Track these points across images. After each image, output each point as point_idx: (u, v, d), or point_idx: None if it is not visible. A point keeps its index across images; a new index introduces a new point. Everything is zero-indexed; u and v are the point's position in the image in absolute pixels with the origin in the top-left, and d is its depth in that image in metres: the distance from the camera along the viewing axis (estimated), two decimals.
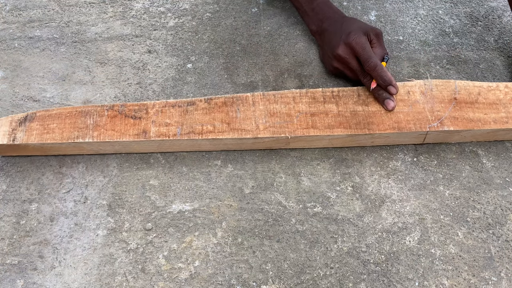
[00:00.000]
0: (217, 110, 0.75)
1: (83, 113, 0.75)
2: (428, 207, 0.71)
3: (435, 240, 0.68)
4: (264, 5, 0.98)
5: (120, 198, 0.72)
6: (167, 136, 0.73)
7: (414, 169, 0.75)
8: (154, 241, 0.68)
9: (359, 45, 0.76)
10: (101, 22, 0.95)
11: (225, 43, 0.91)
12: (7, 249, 0.67)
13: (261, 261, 0.66)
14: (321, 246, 0.67)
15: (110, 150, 0.75)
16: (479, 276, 0.65)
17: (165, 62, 0.88)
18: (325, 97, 0.77)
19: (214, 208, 0.71)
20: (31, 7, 0.98)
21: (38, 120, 0.74)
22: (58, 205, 0.71)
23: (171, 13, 0.97)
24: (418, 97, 0.77)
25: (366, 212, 0.70)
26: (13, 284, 0.64)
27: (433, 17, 0.96)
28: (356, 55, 0.77)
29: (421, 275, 0.65)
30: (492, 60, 0.89)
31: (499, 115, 0.75)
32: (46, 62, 0.88)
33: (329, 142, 0.76)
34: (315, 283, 0.64)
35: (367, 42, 0.77)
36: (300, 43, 0.91)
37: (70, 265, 0.66)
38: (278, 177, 0.74)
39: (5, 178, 0.74)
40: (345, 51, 0.78)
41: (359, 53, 0.76)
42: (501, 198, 0.72)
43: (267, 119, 0.74)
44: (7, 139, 0.72)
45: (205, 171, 0.75)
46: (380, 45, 0.80)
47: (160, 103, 0.76)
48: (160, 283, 0.64)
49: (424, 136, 0.75)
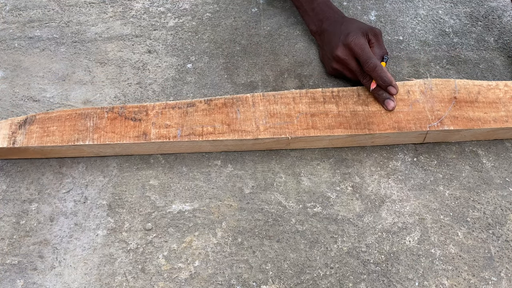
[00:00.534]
0: (217, 111, 0.75)
1: (83, 116, 0.75)
2: (428, 207, 0.71)
3: (435, 240, 0.68)
4: (264, 5, 0.98)
5: (120, 198, 0.72)
6: (168, 138, 0.73)
7: (414, 169, 0.75)
8: (154, 241, 0.68)
9: (358, 46, 0.76)
10: (101, 22, 0.95)
11: (225, 43, 0.91)
12: (7, 249, 0.67)
13: (261, 261, 0.66)
14: (321, 246, 0.67)
15: (111, 152, 0.75)
16: (479, 276, 0.65)
17: (165, 62, 0.88)
18: (325, 97, 0.77)
19: (214, 208, 0.71)
20: (31, 7, 0.98)
21: (38, 123, 0.74)
22: (58, 205, 0.71)
23: (171, 13, 0.97)
24: (418, 97, 0.77)
25: (366, 212, 0.70)
26: (13, 284, 0.64)
27: (433, 17, 0.96)
28: (355, 56, 0.77)
29: (421, 275, 0.65)
30: (492, 60, 0.89)
31: (499, 114, 0.75)
32: (46, 62, 0.89)
33: (329, 142, 0.76)
34: (315, 283, 0.64)
35: (366, 43, 0.76)
36: (300, 43, 0.91)
37: (70, 265, 0.66)
38: (278, 177, 0.74)
39: (5, 178, 0.74)
40: (344, 52, 0.78)
41: (358, 54, 0.76)
42: (501, 198, 0.72)
43: (267, 120, 0.74)
44: (7, 142, 0.72)
45: (205, 171, 0.75)
46: (379, 45, 0.80)
47: (160, 105, 0.76)
48: (160, 283, 0.64)
49: (424, 135, 0.75)
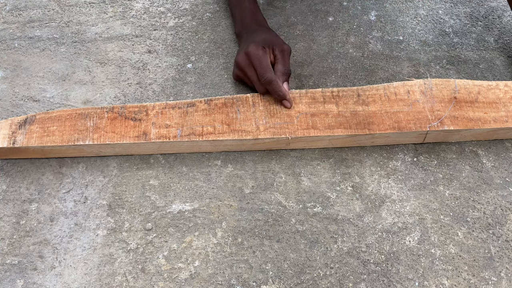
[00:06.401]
0: (217, 111, 0.75)
1: (83, 116, 0.75)
2: (428, 207, 0.71)
3: (435, 240, 0.68)
4: (264, 5, 0.98)
5: (120, 198, 0.72)
6: (168, 138, 0.73)
7: (414, 169, 0.75)
8: (154, 241, 0.68)
9: (256, 57, 0.76)
10: (101, 22, 0.95)
11: (225, 43, 0.91)
12: (7, 249, 0.67)
13: (261, 261, 0.66)
14: (321, 246, 0.67)
15: (111, 152, 0.75)
16: (479, 276, 0.65)
17: (165, 62, 0.88)
18: (325, 97, 0.77)
19: (214, 208, 0.71)
20: (31, 7, 0.98)
21: (38, 122, 0.74)
22: (58, 205, 0.71)
23: (171, 13, 0.97)
24: (418, 97, 0.77)
25: (366, 212, 0.70)
26: (13, 284, 0.64)
27: (433, 17, 0.96)
28: (253, 66, 0.77)
29: (421, 275, 0.65)
30: (492, 60, 0.89)
31: (499, 114, 0.75)
32: (46, 62, 0.89)
33: (329, 142, 0.76)
34: (315, 283, 0.64)
35: (265, 56, 0.76)
36: (300, 43, 0.91)
37: (70, 265, 0.66)
38: (278, 177, 0.74)
39: (5, 178, 0.74)
40: (243, 61, 0.78)
41: (255, 65, 0.76)
42: (501, 198, 0.72)
43: (267, 120, 0.75)
44: (7, 142, 0.72)
45: (205, 171, 0.75)
46: (283, 62, 0.78)
47: (160, 105, 0.76)
48: (160, 283, 0.64)
49: (424, 135, 0.75)
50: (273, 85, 0.74)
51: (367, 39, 0.92)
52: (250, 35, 0.82)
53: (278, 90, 0.74)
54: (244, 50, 0.78)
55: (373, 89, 0.78)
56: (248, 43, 0.78)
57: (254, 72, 0.77)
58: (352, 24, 0.95)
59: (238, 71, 0.80)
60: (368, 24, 0.95)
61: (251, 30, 0.84)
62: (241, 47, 0.81)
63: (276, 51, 0.78)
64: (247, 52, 0.77)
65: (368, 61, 0.89)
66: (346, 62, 0.88)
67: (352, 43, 0.91)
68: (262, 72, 0.75)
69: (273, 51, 0.78)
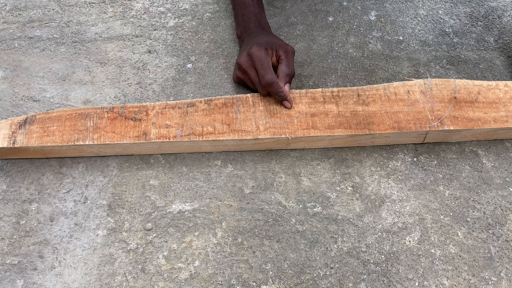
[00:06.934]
0: (217, 111, 0.75)
1: (83, 116, 0.75)
2: (428, 207, 0.71)
3: (435, 240, 0.68)
4: (264, 5, 0.98)
5: (120, 198, 0.72)
6: (168, 138, 0.73)
7: (414, 169, 0.75)
8: (154, 241, 0.68)
9: (258, 58, 0.75)
10: (101, 22, 0.95)
11: (225, 43, 0.91)
12: (7, 249, 0.67)
13: (261, 261, 0.66)
14: (321, 246, 0.67)
15: (111, 152, 0.75)
16: (479, 276, 0.65)
17: (165, 62, 0.88)
18: (325, 97, 0.77)
19: (214, 208, 0.71)
20: (31, 7, 0.98)
21: (38, 122, 0.74)
22: (58, 205, 0.71)
23: (171, 13, 0.97)
24: (418, 97, 0.77)
25: (366, 212, 0.70)
26: (13, 284, 0.64)
27: (433, 17, 0.96)
28: (255, 68, 0.77)
29: (421, 275, 0.65)
30: (492, 60, 0.89)
31: (499, 114, 0.75)
32: (46, 62, 0.89)
33: (329, 142, 0.76)
34: (315, 283, 0.64)
35: (267, 57, 0.76)
36: (300, 43, 0.91)
37: (70, 265, 0.66)
38: (278, 177, 0.74)
39: (5, 178, 0.74)
40: (246, 62, 0.77)
41: (257, 67, 0.76)
42: (501, 198, 0.72)
43: (267, 120, 0.75)
44: (7, 142, 0.72)
45: (205, 171, 0.75)
46: (287, 63, 0.78)
47: (160, 105, 0.76)
48: (160, 283, 0.64)
49: (424, 135, 0.75)
50: (274, 86, 0.74)
51: (367, 39, 0.92)
52: (253, 37, 0.82)
53: (279, 91, 0.74)
54: (247, 51, 0.77)
55: (373, 89, 0.78)
56: (251, 45, 0.78)
57: (256, 74, 0.77)
58: (352, 24, 0.95)
59: (239, 73, 0.80)
60: (368, 24, 0.95)
61: (255, 33, 0.83)
62: (243, 49, 0.81)
63: (280, 52, 0.78)
64: (249, 53, 0.77)
65: (368, 61, 0.89)
66: (346, 62, 0.88)
67: (352, 43, 0.91)
68: (263, 74, 0.75)
69: (277, 52, 0.78)
